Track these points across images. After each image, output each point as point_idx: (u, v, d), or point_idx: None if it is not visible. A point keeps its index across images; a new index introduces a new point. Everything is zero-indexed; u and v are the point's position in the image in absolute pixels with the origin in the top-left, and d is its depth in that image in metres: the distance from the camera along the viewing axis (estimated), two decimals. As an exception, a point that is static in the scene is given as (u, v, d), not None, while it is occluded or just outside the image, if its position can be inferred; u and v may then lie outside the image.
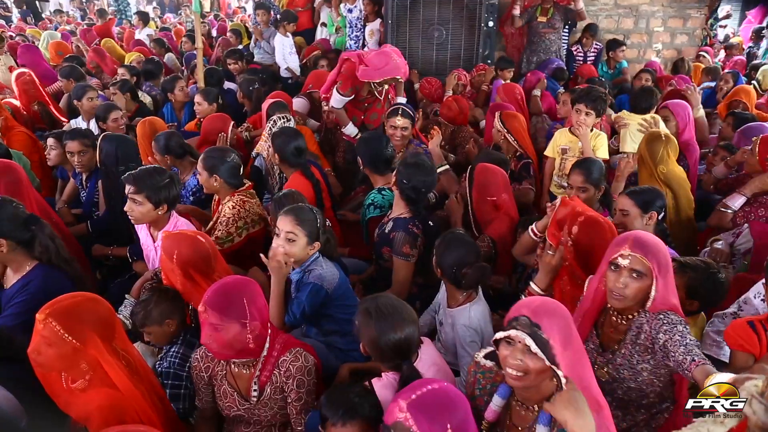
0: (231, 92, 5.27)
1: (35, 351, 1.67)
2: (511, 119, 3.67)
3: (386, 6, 5.61)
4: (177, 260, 2.15)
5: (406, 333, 1.75)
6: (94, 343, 1.71)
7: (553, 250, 2.14)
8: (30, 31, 9.31)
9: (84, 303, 1.76)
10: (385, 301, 1.81)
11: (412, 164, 2.70)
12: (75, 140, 3.33)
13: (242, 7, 15.51)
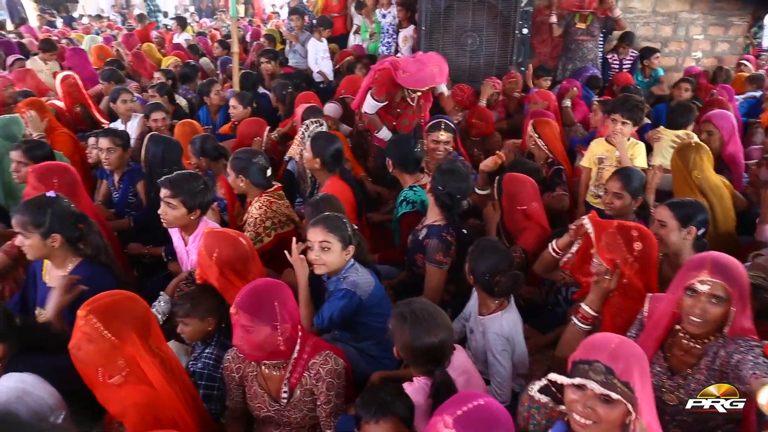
0: (265, 96, 5.35)
1: (76, 347, 1.71)
2: (543, 125, 3.65)
3: (420, 12, 5.61)
4: (216, 259, 2.18)
5: (440, 338, 1.75)
6: (131, 341, 1.74)
7: (610, 275, 2.04)
8: (74, 35, 9.63)
9: (123, 301, 1.80)
10: (420, 305, 1.81)
11: (447, 170, 2.70)
12: (106, 138, 3.43)
13: (276, 13, 15.76)
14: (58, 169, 2.80)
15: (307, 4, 8.40)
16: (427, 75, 3.71)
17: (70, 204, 2.37)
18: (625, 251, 2.04)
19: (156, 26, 11.24)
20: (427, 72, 3.71)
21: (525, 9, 5.25)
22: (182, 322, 2.25)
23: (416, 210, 3.06)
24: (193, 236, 2.69)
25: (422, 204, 3.04)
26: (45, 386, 1.84)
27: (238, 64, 5.20)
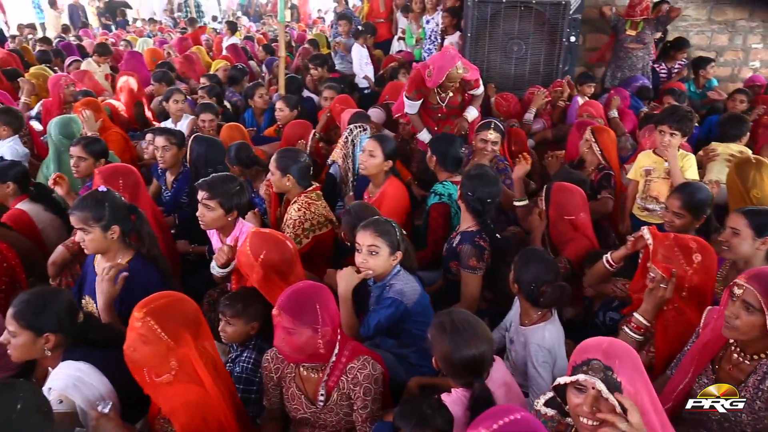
0: (310, 100, 5.44)
1: (131, 347, 1.75)
2: (602, 133, 3.62)
3: (466, 19, 5.59)
4: (262, 261, 2.20)
5: (479, 350, 1.73)
6: (186, 342, 1.77)
7: (666, 283, 2.01)
8: (128, 38, 10.00)
9: (177, 302, 1.84)
10: (460, 316, 1.79)
11: (476, 176, 2.72)
12: (162, 136, 3.54)
13: (321, 18, 15.97)
14: (123, 170, 2.92)
15: (353, 10, 8.48)
16: (446, 60, 3.71)
17: (121, 197, 2.46)
18: (683, 263, 1.99)
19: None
20: (444, 59, 3.73)
21: (574, 17, 5.16)
22: (227, 322, 2.28)
23: (443, 202, 3.11)
24: (230, 238, 2.74)
25: (450, 197, 3.09)
26: (98, 376, 1.92)
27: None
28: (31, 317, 1.86)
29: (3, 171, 3.11)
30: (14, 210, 3.12)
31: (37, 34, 10.94)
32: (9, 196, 3.13)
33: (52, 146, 3.84)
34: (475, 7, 5.41)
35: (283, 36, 5.12)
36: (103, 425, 1.76)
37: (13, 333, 1.86)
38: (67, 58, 6.98)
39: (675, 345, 1.99)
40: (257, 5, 18.21)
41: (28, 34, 10.58)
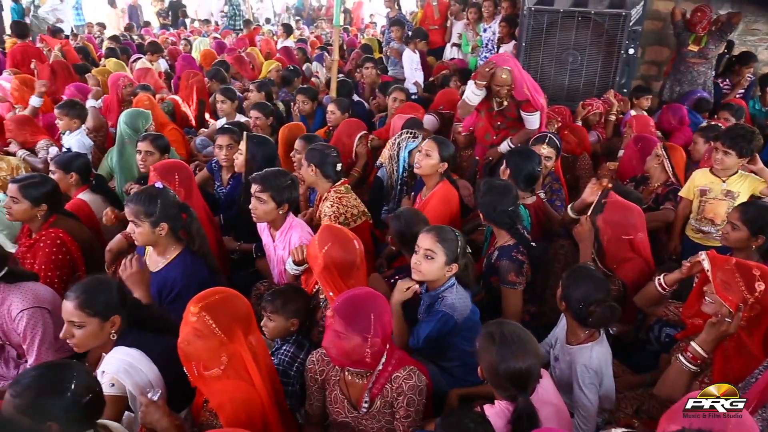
0: (360, 104, 5.48)
1: (185, 341, 1.79)
2: (675, 151, 3.51)
3: (521, 28, 5.52)
4: (325, 253, 2.22)
5: (526, 364, 1.70)
6: (238, 338, 1.81)
7: (731, 317, 1.90)
8: (191, 37, 10.36)
9: (231, 299, 1.88)
10: (510, 328, 1.78)
11: (487, 192, 2.69)
12: (225, 135, 3.62)
13: (373, 23, 16.08)
14: (178, 166, 3.02)
15: (407, 16, 8.51)
16: (498, 59, 3.64)
17: (175, 195, 2.53)
18: (744, 290, 1.89)
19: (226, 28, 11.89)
20: (497, 57, 3.67)
21: (634, 28, 5.02)
22: (269, 317, 2.33)
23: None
24: (280, 232, 2.79)
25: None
26: (148, 363, 1.98)
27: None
28: (96, 304, 1.93)
29: (68, 162, 3.26)
30: (76, 200, 3.27)
31: (105, 32, 11.43)
32: (72, 186, 3.28)
33: (118, 137, 3.99)
34: (531, 16, 5.33)
35: (338, 39, 5.17)
36: (151, 411, 1.81)
37: (80, 324, 1.93)
38: (132, 56, 7.31)
39: (734, 377, 1.89)
40: (311, 9, 18.49)
41: (97, 31, 11.09)
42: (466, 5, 7.39)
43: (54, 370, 1.57)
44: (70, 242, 2.80)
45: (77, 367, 1.60)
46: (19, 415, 1.48)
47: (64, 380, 1.52)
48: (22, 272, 2.44)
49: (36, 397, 1.49)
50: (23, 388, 1.50)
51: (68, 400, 1.51)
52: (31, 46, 7.01)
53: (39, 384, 1.51)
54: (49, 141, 4.35)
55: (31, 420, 1.48)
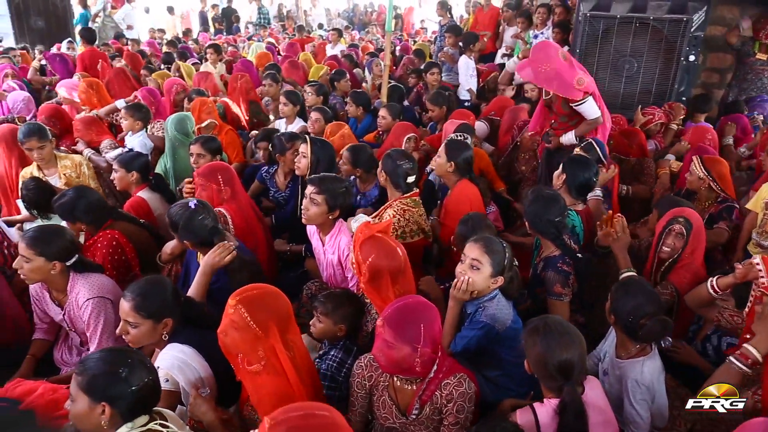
0: (410, 110, 5.50)
1: (223, 332, 1.85)
2: (714, 164, 3.30)
3: (576, 34, 5.42)
4: (370, 265, 2.23)
5: (572, 353, 1.74)
6: (273, 334, 1.84)
7: None
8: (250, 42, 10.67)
9: (269, 295, 1.93)
10: (554, 319, 1.82)
11: (534, 201, 2.65)
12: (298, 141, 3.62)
13: (424, 28, 16.10)
14: (219, 167, 3.11)
15: (459, 22, 8.49)
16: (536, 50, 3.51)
17: (202, 217, 2.54)
18: None
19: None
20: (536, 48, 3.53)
21: (695, 34, 4.84)
22: (318, 317, 2.37)
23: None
24: (329, 236, 2.83)
25: (572, 229, 2.94)
26: (200, 359, 2.05)
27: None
28: (150, 306, 2.02)
29: (130, 161, 3.43)
30: (135, 198, 3.43)
31: (164, 37, 11.92)
32: (132, 184, 3.44)
33: (168, 142, 4.15)
34: (587, 22, 5.22)
35: (390, 45, 5.21)
36: (198, 405, 1.89)
37: (135, 324, 2.02)
38: (188, 60, 7.59)
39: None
40: (362, 14, 18.70)
41: (158, 36, 11.58)
42: (519, 11, 7.31)
43: (113, 355, 1.65)
44: (125, 243, 2.92)
45: (135, 356, 1.68)
46: (81, 392, 1.57)
47: (120, 365, 1.60)
48: (90, 263, 2.57)
49: (93, 378, 1.57)
50: (85, 367, 1.60)
51: (122, 384, 1.58)
52: (98, 51, 7.38)
53: (97, 365, 1.59)
54: (113, 141, 4.57)
55: (88, 398, 1.57)
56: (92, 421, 1.58)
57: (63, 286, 2.47)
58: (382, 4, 18.56)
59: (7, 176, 3.75)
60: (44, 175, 3.68)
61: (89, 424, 1.59)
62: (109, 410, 1.57)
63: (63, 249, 2.40)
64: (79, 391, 1.57)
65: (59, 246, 2.39)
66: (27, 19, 9.40)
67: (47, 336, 2.70)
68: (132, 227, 3.07)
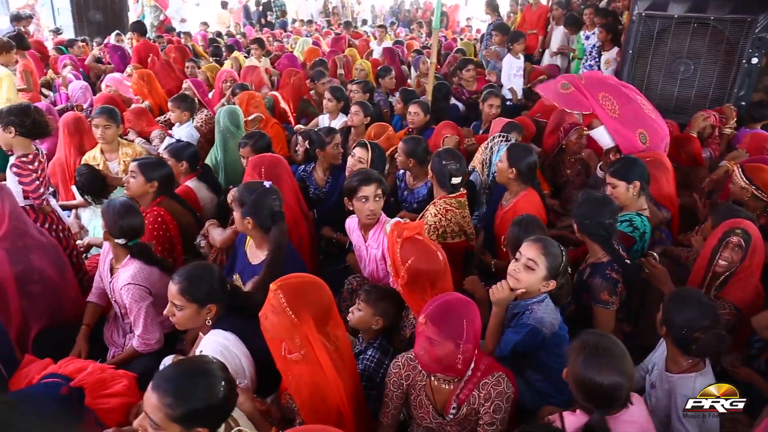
0: (455, 107, 5.46)
1: (264, 315, 1.89)
2: (756, 172, 3.13)
3: (629, 34, 5.25)
4: (408, 267, 2.22)
5: (610, 382, 1.65)
6: (307, 324, 1.86)
7: None
8: (294, 37, 10.81)
9: (309, 285, 1.95)
10: (606, 341, 1.72)
11: (586, 202, 2.57)
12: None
13: (469, 26, 15.95)
14: (267, 159, 3.15)
15: (506, 20, 8.38)
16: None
17: (272, 198, 2.58)
18: None
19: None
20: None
21: (760, 36, 4.61)
22: (358, 305, 2.38)
23: (631, 235, 2.85)
24: (373, 231, 2.84)
25: (642, 236, 2.85)
26: (241, 347, 2.08)
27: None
28: (196, 291, 2.07)
29: (180, 151, 3.52)
30: (183, 186, 3.52)
31: (209, 30, 12.20)
32: (181, 173, 3.53)
33: (219, 134, 4.21)
34: (641, 21, 5.06)
35: (437, 42, 5.17)
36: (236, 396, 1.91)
37: (180, 307, 2.08)
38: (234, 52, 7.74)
39: None
40: (407, 11, 18.65)
41: (205, 29, 11.85)
42: (568, 10, 7.15)
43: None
44: (170, 221, 3.03)
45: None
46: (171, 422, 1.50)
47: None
48: (149, 251, 2.63)
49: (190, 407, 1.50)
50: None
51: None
52: (151, 43, 7.62)
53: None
54: (163, 132, 4.69)
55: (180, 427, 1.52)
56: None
57: (121, 258, 2.60)
58: (428, 1, 18.47)
59: (66, 163, 3.89)
60: (105, 159, 3.82)
61: None
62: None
63: (129, 228, 2.52)
64: (167, 421, 1.49)
65: (129, 224, 2.52)
66: (86, 12, 9.78)
67: (99, 301, 2.82)
68: (179, 208, 3.16)
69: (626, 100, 3.52)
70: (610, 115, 3.44)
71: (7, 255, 2.52)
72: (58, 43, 8.34)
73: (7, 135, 2.99)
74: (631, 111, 3.49)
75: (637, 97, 3.60)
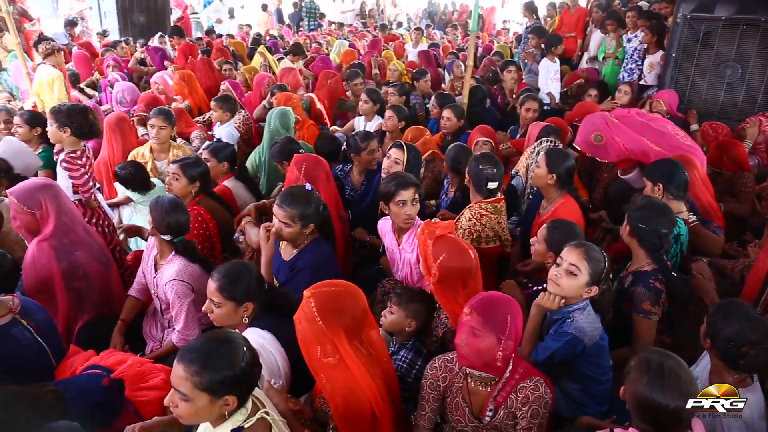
0: (491, 111, 5.41)
1: (297, 320, 1.90)
2: None
3: (673, 36, 5.12)
4: (440, 264, 2.22)
5: (676, 406, 1.57)
6: (338, 335, 1.85)
7: None
8: (330, 39, 10.91)
9: (344, 295, 1.93)
10: (673, 362, 1.64)
11: (645, 206, 2.48)
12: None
13: (506, 29, 15.79)
14: (310, 158, 3.19)
15: (544, 23, 8.26)
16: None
17: (319, 197, 2.62)
18: None
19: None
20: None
21: (815, 38, 4.44)
22: (390, 308, 2.37)
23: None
24: (407, 234, 2.83)
25: (677, 238, 2.77)
26: (277, 347, 2.10)
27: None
28: (234, 290, 2.11)
29: (220, 150, 3.59)
30: (221, 186, 3.58)
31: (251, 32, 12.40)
32: (221, 173, 3.59)
33: (268, 135, 4.25)
34: (686, 24, 4.93)
35: (474, 45, 5.14)
36: (271, 395, 1.92)
37: (218, 304, 2.12)
38: (274, 54, 7.85)
39: None
40: (443, 13, 18.59)
41: (246, 32, 12.07)
42: (609, 13, 7.00)
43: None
44: (210, 220, 3.09)
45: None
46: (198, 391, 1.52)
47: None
48: (193, 248, 2.69)
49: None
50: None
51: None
52: (193, 45, 7.82)
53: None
54: (202, 132, 4.79)
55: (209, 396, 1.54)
56: (214, 411, 1.56)
57: (166, 254, 2.66)
58: (464, 3, 18.37)
59: (110, 161, 4.00)
60: (154, 158, 3.94)
61: (209, 414, 1.57)
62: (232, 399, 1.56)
63: (175, 225, 2.57)
64: (195, 391, 1.51)
65: (176, 221, 2.57)
66: (130, 15, 10.07)
67: (140, 296, 2.89)
68: (217, 206, 3.23)
69: (659, 135, 3.48)
70: (653, 148, 3.43)
71: (54, 252, 2.61)
72: (105, 45, 8.62)
73: (61, 134, 3.10)
74: (666, 144, 3.44)
75: (668, 128, 3.56)
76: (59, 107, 3.12)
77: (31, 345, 2.21)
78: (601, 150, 3.56)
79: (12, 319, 2.17)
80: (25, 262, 2.65)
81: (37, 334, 2.24)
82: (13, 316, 2.18)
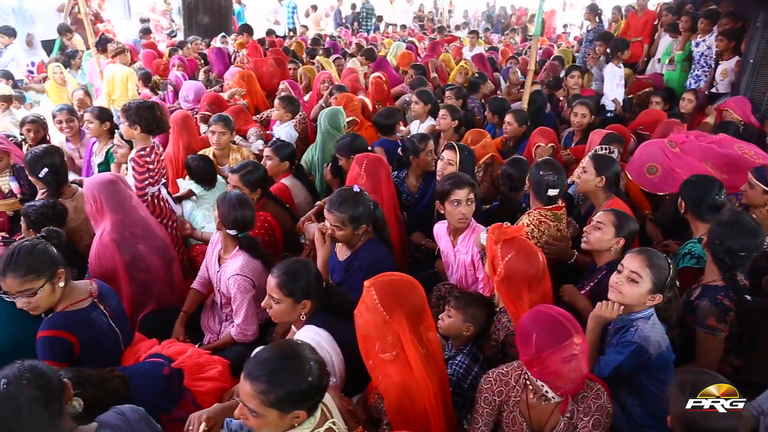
0: (551, 117, 5.29)
1: (358, 312, 1.92)
2: None
3: (750, 41, 4.86)
4: (507, 263, 2.19)
5: (722, 425, 1.52)
6: (399, 322, 1.85)
7: None
8: (386, 41, 10.96)
9: (403, 284, 1.95)
10: (706, 378, 1.59)
11: (730, 223, 2.36)
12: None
13: (567, 33, 15.42)
14: (371, 157, 3.19)
15: (608, 29, 8.00)
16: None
17: (368, 198, 2.62)
18: None
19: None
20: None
21: None
22: (448, 312, 2.36)
23: (701, 267, 2.64)
24: (462, 236, 2.81)
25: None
26: (333, 345, 2.11)
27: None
28: (293, 286, 2.13)
29: (281, 149, 3.67)
30: (280, 184, 3.66)
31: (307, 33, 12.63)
32: (281, 171, 3.66)
33: (320, 135, 4.30)
34: (765, 28, 4.67)
35: (536, 49, 5.03)
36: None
37: (277, 300, 2.15)
38: (332, 55, 7.95)
39: None
40: (502, 17, 18.31)
41: (302, 32, 12.31)
42: (680, 16, 6.70)
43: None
44: (276, 226, 3.15)
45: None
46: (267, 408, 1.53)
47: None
48: (256, 244, 2.74)
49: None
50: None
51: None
52: (258, 44, 8.11)
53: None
54: (259, 130, 4.89)
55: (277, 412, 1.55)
56: (284, 425, 1.57)
57: (230, 249, 2.72)
58: (522, 6, 18.04)
59: (175, 158, 4.14)
60: (217, 162, 4.04)
61: (279, 427, 1.57)
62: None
63: (241, 220, 2.64)
64: (264, 407, 1.51)
65: (243, 216, 2.64)
66: (195, 15, 10.41)
67: (202, 289, 2.99)
68: (280, 210, 3.29)
69: (724, 159, 3.28)
70: (720, 177, 3.17)
71: (117, 246, 2.73)
72: (171, 45, 8.97)
73: (132, 131, 3.22)
74: (735, 164, 3.24)
75: (735, 148, 3.32)
76: (129, 105, 3.22)
77: (107, 329, 2.31)
78: (654, 183, 3.31)
79: (91, 303, 2.28)
80: (91, 255, 2.78)
81: (111, 319, 2.34)
82: (92, 300, 2.28)
